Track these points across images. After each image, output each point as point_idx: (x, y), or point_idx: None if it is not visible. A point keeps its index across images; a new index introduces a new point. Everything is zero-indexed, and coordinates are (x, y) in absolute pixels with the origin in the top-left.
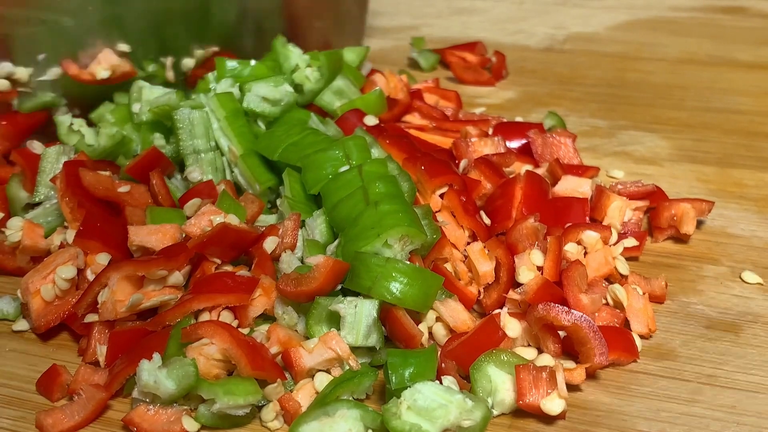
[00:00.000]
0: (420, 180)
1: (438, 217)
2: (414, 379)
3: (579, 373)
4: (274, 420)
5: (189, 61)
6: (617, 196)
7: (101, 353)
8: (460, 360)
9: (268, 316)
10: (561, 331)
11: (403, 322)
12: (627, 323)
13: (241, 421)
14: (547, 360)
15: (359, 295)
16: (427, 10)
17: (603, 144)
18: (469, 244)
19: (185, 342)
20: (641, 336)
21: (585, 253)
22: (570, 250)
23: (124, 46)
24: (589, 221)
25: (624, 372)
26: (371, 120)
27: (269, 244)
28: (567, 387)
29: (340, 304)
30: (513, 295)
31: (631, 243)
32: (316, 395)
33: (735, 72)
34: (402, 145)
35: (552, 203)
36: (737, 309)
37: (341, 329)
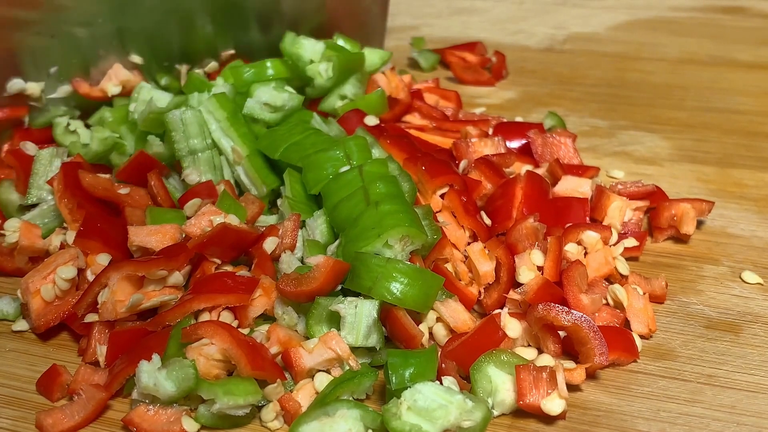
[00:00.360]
0: (420, 180)
1: (438, 218)
2: (414, 380)
3: (579, 373)
4: (274, 420)
5: (214, 65)
6: (617, 196)
7: (101, 353)
8: (460, 360)
9: (268, 316)
10: (561, 331)
11: (404, 322)
12: (627, 323)
13: (241, 422)
14: (548, 360)
15: (359, 296)
16: (427, 10)
17: (603, 144)
18: (470, 244)
19: (185, 342)
20: (641, 336)
21: (585, 253)
22: (570, 250)
23: (136, 57)
24: (590, 221)
25: (624, 372)
26: (372, 120)
27: (269, 244)
28: (567, 387)
29: (340, 304)
30: (513, 295)
31: (632, 243)
32: (316, 395)
33: (735, 72)
34: (402, 146)
35: (552, 203)
36: (737, 309)
37: (341, 329)
